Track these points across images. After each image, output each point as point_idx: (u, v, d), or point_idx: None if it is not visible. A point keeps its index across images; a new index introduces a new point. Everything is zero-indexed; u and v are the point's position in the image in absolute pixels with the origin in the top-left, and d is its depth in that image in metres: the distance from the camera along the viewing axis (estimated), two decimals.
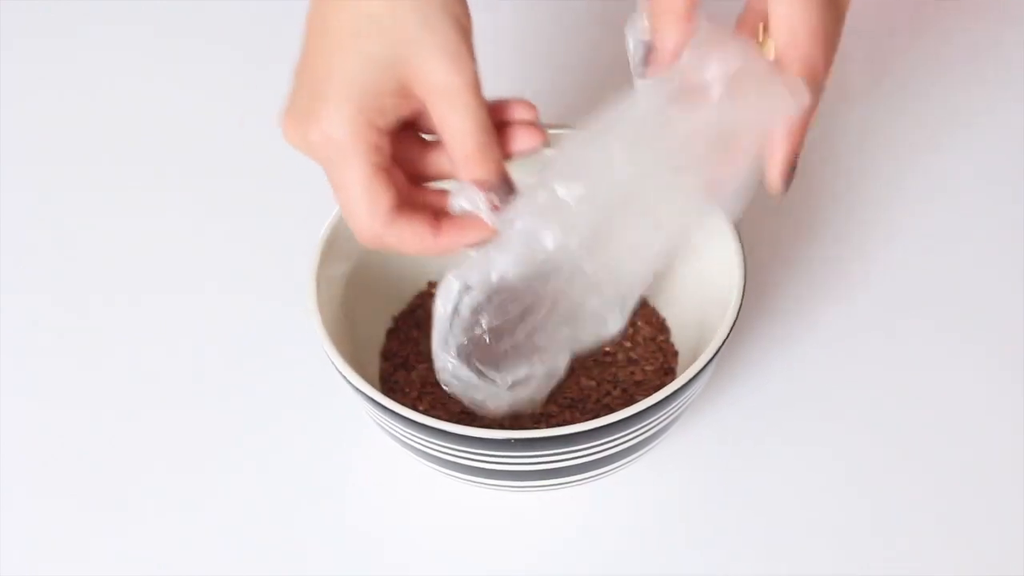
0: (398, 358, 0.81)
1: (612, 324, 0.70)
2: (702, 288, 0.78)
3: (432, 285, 0.84)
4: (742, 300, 0.74)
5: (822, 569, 0.76)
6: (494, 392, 0.70)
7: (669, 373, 0.80)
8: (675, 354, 0.81)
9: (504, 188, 0.68)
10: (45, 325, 0.88)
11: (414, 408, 0.72)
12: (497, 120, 0.68)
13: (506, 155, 0.68)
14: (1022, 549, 0.76)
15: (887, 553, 0.76)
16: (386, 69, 0.65)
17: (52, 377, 0.86)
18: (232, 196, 0.95)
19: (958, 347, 0.85)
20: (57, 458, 0.82)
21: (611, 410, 0.71)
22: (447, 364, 0.69)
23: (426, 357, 0.80)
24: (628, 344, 0.81)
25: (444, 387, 0.70)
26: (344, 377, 0.72)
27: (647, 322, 0.82)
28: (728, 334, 0.72)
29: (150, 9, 1.06)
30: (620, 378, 0.79)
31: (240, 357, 0.86)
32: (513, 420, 0.77)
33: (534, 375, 0.70)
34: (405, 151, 0.69)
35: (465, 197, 0.67)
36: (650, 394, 0.70)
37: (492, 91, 0.68)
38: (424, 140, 0.70)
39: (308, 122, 0.66)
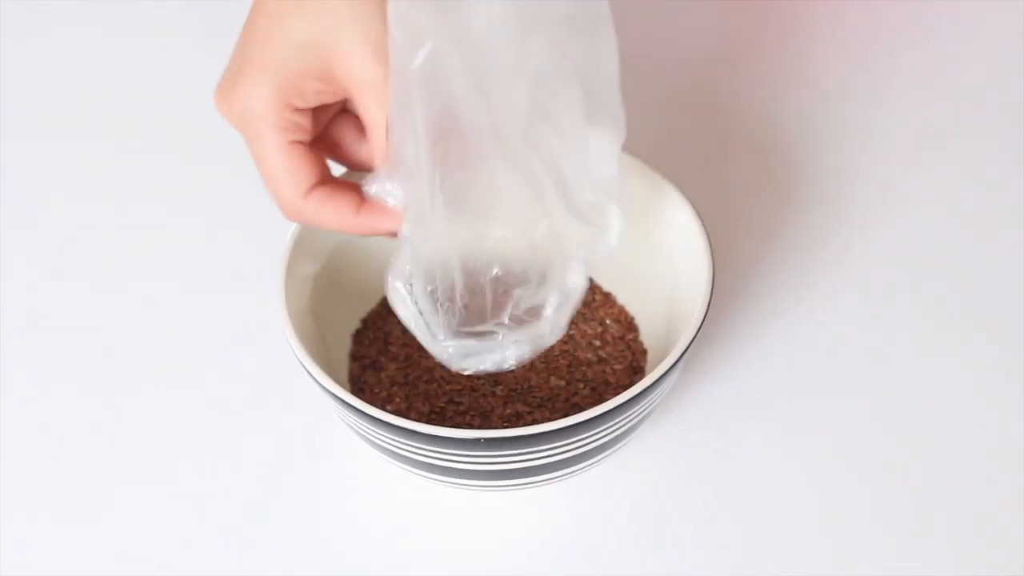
0: (366, 359, 0.81)
1: (615, 226, 0.68)
2: (671, 286, 0.78)
3: None
4: (710, 298, 0.73)
5: (796, 565, 0.76)
6: (506, 341, 0.68)
7: (638, 371, 0.80)
8: (644, 352, 0.81)
9: None
10: (22, 321, 0.88)
11: (383, 408, 0.72)
12: None
13: None
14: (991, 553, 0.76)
15: (862, 549, 0.76)
16: (309, 53, 0.65)
17: (38, 373, 0.86)
18: (206, 194, 0.95)
19: (933, 345, 0.85)
20: (40, 454, 0.82)
21: (581, 409, 0.71)
22: (447, 351, 0.68)
23: (395, 358, 0.81)
24: (597, 343, 0.81)
25: (462, 373, 0.69)
26: (313, 377, 0.72)
27: (616, 320, 0.82)
28: (696, 332, 0.72)
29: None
30: (589, 377, 0.79)
31: (210, 360, 0.86)
32: (483, 420, 0.77)
33: (540, 302, 0.68)
34: (340, 134, 0.69)
35: (377, 185, 0.67)
36: (619, 393, 0.70)
37: None
38: (362, 126, 0.70)
39: (232, 93, 0.66)
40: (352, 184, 0.68)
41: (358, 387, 0.80)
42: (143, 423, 0.83)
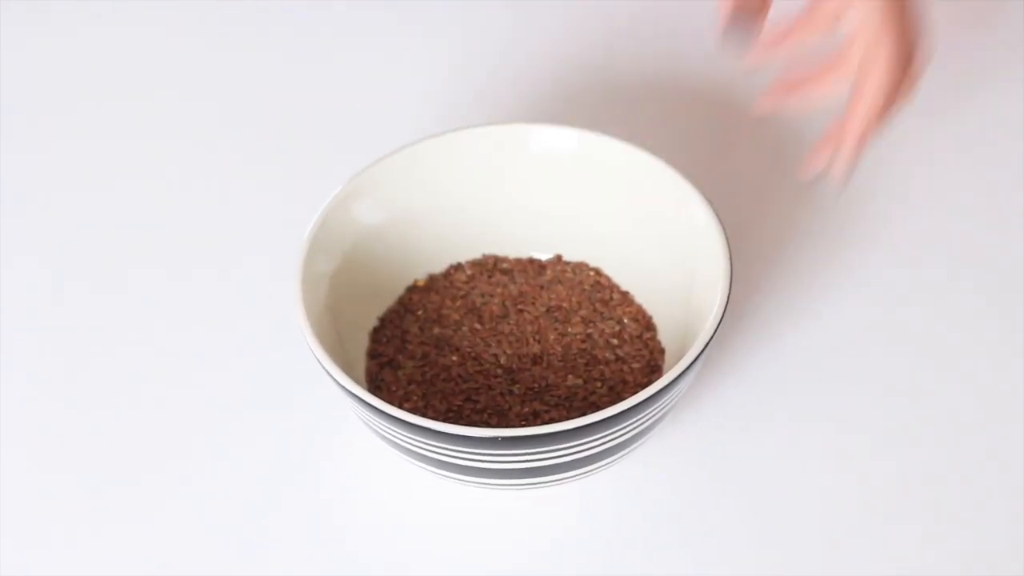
0: (384, 357, 0.81)
1: None
2: (688, 285, 0.79)
3: (417, 284, 0.84)
4: (728, 297, 0.74)
5: (812, 567, 0.76)
6: None
7: (656, 371, 0.80)
8: (662, 351, 0.81)
9: None
10: (22, 321, 0.88)
11: (400, 407, 0.72)
12: None
13: None
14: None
15: (884, 548, 0.77)
16: None
17: (38, 373, 0.85)
18: (213, 194, 0.94)
19: (955, 345, 0.85)
20: (40, 454, 0.82)
21: (598, 408, 0.72)
22: None
23: (412, 356, 0.81)
24: (615, 342, 0.81)
25: None
26: (331, 376, 0.72)
27: (633, 319, 0.82)
28: (714, 331, 0.72)
29: None
30: (607, 376, 0.80)
31: (223, 357, 0.86)
32: (500, 418, 0.78)
33: None
34: None
35: None
36: (637, 392, 0.70)
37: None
38: None
39: None
40: None
41: (375, 385, 0.80)
42: (143, 423, 0.83)
